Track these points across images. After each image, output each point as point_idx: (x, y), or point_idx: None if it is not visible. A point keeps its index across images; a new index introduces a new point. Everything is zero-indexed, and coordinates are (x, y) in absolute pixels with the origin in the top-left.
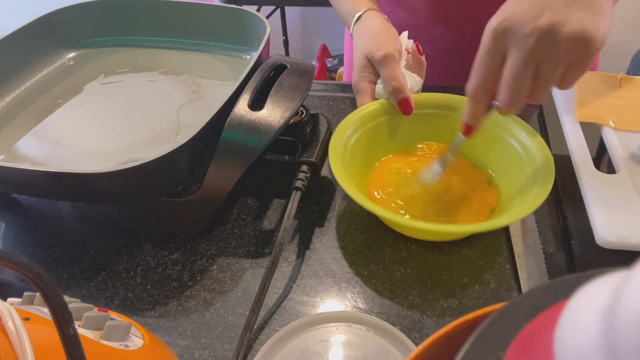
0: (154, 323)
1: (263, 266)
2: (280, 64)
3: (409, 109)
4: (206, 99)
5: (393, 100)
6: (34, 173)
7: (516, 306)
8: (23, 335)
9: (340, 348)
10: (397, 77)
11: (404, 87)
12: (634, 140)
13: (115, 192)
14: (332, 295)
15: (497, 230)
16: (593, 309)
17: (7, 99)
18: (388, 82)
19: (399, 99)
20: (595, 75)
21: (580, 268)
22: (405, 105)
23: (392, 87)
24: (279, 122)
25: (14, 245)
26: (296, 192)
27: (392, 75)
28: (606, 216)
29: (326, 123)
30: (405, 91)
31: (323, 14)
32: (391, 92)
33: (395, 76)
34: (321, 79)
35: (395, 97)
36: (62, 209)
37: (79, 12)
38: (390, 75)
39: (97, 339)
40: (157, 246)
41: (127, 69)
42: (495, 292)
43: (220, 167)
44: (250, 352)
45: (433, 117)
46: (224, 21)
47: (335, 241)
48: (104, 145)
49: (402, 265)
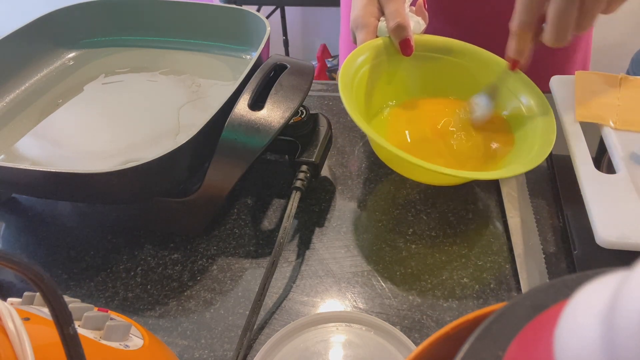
0: (154, 323)
1: (263, 266)
2: (280, 64)
3: (409, 49)
4: (206, 99)
5: (394, 38)
6: (34, 173)
7: (516, 306)
8: (23, 335)
9: (340, 348)
10: (402, 14)
11: (408, 24)
12: (634, 140)
13: (115, 192)
14: (332, 295)
15: (497, 229)
16: (593, 309)
17: (7, 99)
18: (392, 18)
19: (401, 37)
20: (595, 75)
21: (580, 268)
22: (406, 45)
23: (396, 23)
24: (279, 122)
25: (14, 245)
26: (296, 192)
27: (397, 11)
28: (606, 216)
29: (326, 123)
30: (408, 30)
31: (323, 14)
32: (394, 29)
33: (400, 12)
34: (321, 79)
35: (398, 35)
36: (62, 209)
37: (79, 12)
38: (395, 11)
39: (97, 339)
40: (157, 246)
41: (127, 69)
42: (495, 292)
43: (220, 167)
44: (250, 352)
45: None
46: (224, 21)
47: (335, 241)
48: (104, 145)
49: (402, 265)
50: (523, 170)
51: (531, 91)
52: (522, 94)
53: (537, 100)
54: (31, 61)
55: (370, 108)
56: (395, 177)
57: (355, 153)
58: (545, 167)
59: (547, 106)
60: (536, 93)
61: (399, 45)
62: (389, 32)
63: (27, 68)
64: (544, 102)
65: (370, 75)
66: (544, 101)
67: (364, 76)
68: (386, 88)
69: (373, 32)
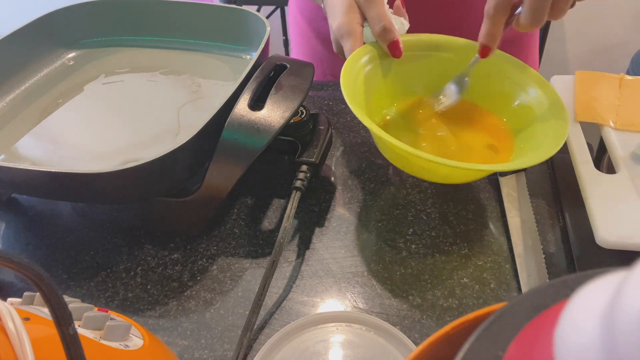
0: (154, 323)
1: (263, 266)
2: (280, 64)
3: (397, 51)
4: (206, 99)
5: (381, 42)
6: (34, 173)
7: (516, 306)
8: (23, 335)
9: (340, 348)
10: (385, 17)
11: (393, 27)
12: (634, 140)
13: (115, 192)
14: (332, 295)
15: (497, 229)
16: (593, 309)
17: (7, 99)
18: (376, 23)
19: (389, 40)
20: (595, 75)
21: (580, 268)
22: (395, 47)
23: (382, 27)
24: (279, 122)
25: (14, 245)
26: (296, 192)
27: (380, 15)
28: (606, 216)
29: (326, 123)
30: (395, 32)
31: None
32: (380, 33)
33: (383, 16)
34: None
35: (385, 39)
36: (62, 209)
37: (79, 12)
38: (378, 15)
39: (97, 339)
40: (157, 246)
41: (127, 69)
42: (495, 292)
43: (220, 167)
44: (250, 352)
45: (423, 58)
46: (224, 21)
47: (335, 241)
48: (104, 145)
49: (402, 265)
50: (547, 156)
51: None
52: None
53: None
54: (31, 61)
55: (369, 112)
56: (396, 177)
57: (356, 153)
58: (545, 167)
59: (555, 94)
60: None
61: (388, 48)
62: (376, 37)
63: (27, 68)
64: (549, 90)
65: (367, 80)
66: (550, 89)
67: (361, 83)
68: (383, 92)
69: (360, 39)
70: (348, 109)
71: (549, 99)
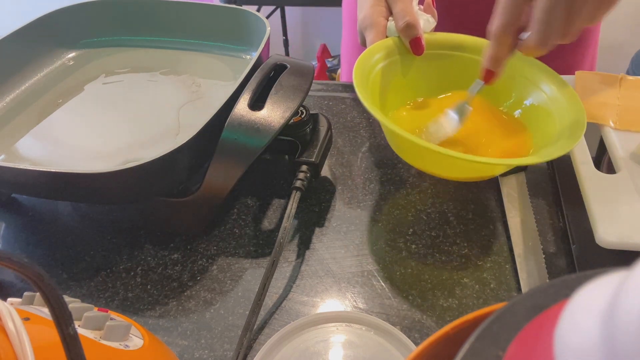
0: (154, 323)
1: (263, 266)
2: (280, 64)
3: (420, 48)
4: (206, 99)
5: (404, 38)
6: (34, 173)
7: (516, 306)
8: (23, 335)
9: (340, 348)
10: (411, 12)
11: (417, 23)
12: (634, 140)
13: (115, 192)
14: (332, 295)
15: (497, 229)
16: (593, 309)
17: (7, 99)
18: (401, 17)
19: (411, 36)
20: (595, 75)
21: (580, 268)
22: (417, 44)
23: (405, 23)
24: (279, 122)
25: (14, 245)
26: (296, 192)
27: (405, 10)
28: (606, 216)
29: (326, 123)
30: (418, 29)
31: (323, 14)
32: (403, 29)
33: (409, 11)
34: (321, 79)
35: (407, 35)
36: (62, 209)
37: (79, 12)
38: (404, 10)
39: (97, 339)
40: (157, 246)
41: (127, 69)
42: (495, 292)
43: (220, 167)
44: (250, 352)
45: (446, 58)
46: (224, 21)
47: (335, 241)
48: (104, 145)
49: (402, 265)
50: (567, 149)
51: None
52: (542, 82)
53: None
54: (31, 61)
55: (384, 108)
56: (396, 177)
57: (356, 153)
58: (545, 167)
59: (568, 87)
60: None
61: (410, 44)
62: (398, 32)
63: (27, 68)
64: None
65: (383, 75)
66: (563, 83)
67: (377, 77)
68: (400, 88)
69: (382, 32)
70: (348, 109)
71: (564, 95)
